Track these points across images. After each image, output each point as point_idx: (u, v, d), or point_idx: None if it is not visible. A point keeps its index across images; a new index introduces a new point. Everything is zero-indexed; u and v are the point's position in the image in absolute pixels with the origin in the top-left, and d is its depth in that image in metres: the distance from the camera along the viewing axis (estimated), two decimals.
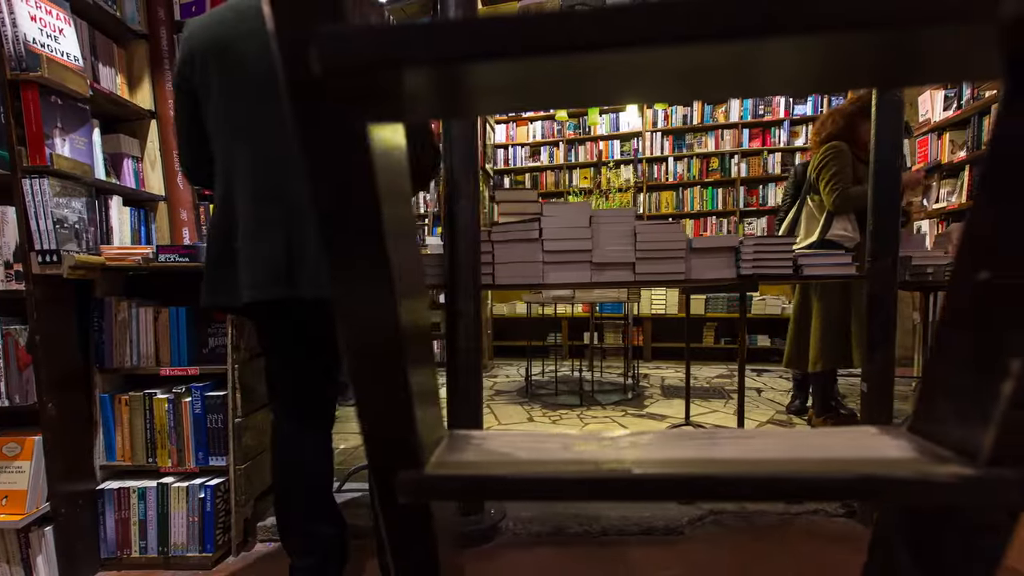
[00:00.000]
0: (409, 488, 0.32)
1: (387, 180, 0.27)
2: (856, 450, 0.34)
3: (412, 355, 0.31)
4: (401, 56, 0.22)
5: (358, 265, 0.27)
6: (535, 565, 1.51)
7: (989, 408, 0.29)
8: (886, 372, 1.60)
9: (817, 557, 1.49)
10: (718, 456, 0.34)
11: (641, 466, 0.33)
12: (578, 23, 0.22)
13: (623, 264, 1.70)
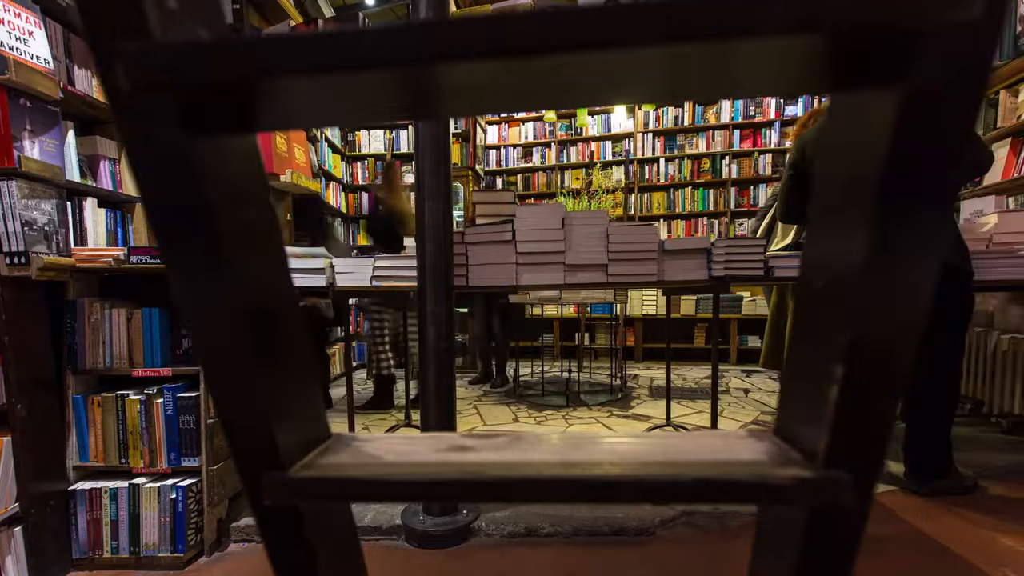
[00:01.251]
0: (272, 490, 0.33)
1: (226, 188, 0.28)
2: (717, 453, 0.34)
3: (268, 358, 0.32)
4: (191, 73, 0.23)
5: (193, 269, 0.28)
6: (506, 565, 1.52)
7: (823, 412, 0.30)
8: None
9: None
10: (577, 459, 0.35)
11: (495, 469, 0.33)
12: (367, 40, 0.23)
13: (596, 266, 1.71)
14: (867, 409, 0.28)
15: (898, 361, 0.27)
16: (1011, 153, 2.75)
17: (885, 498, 1.87)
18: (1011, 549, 1.50)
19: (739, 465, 0.32)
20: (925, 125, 0.22)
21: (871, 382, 0.27)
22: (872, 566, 1.45)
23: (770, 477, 0.30)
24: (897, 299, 0.25)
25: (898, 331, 0.26)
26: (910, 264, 0.24)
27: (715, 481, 0.30)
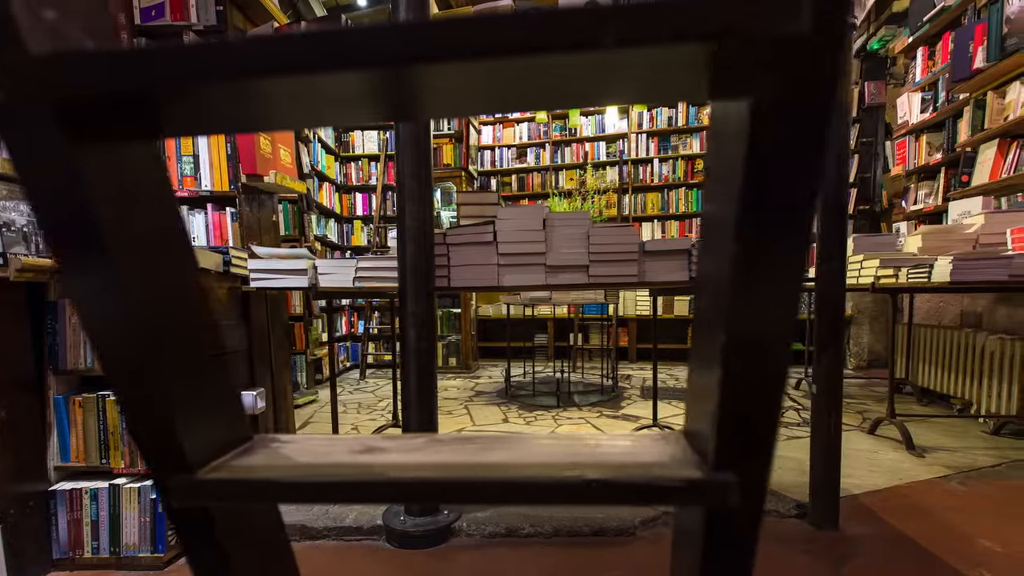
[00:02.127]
0: (178, 492, 0.33)
1: (120, 195, 0.28)
2: (623, 455, 0.35)
3: (172, 363, 0.32)
4: (71, 83, 0.23)
5: (87, 277, 0.28)
6: (486, 565, 1.52)
7: (711, 414, 0.31)
8: (834, 373, 1.62)
9: (759, 557, 1.50)
10: (480, 460, 0.35)
11: (397, 471, 0.34)
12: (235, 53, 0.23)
13: (577, 267, 1.72)
14: (747, 411, 0.29)
15: (770, 364, 0.27)
16: (998, 154, 2.76)
17: (867, 498, 1.88)
18: (988, 550, 1.51)
19: (637, 467, 0.32)
20: (771, 138, 0.22)
21: (747, 385, 0.28)
22: (850, 566, 1.45)
23: (660, 479, 0.31)
24: (762, 305, 0.26)
25: (767, 336, 0.26)
26: (769, 274, 0.25)
27: (608, 483, 0.31)
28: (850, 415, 3.08)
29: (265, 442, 0.40)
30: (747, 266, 0.25)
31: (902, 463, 2.24)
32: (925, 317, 3.67)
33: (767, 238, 0.24)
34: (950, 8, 3.20)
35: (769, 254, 0.24)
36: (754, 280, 0.25)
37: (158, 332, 0.31)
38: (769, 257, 0.24)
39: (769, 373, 0.28)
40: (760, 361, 0.27)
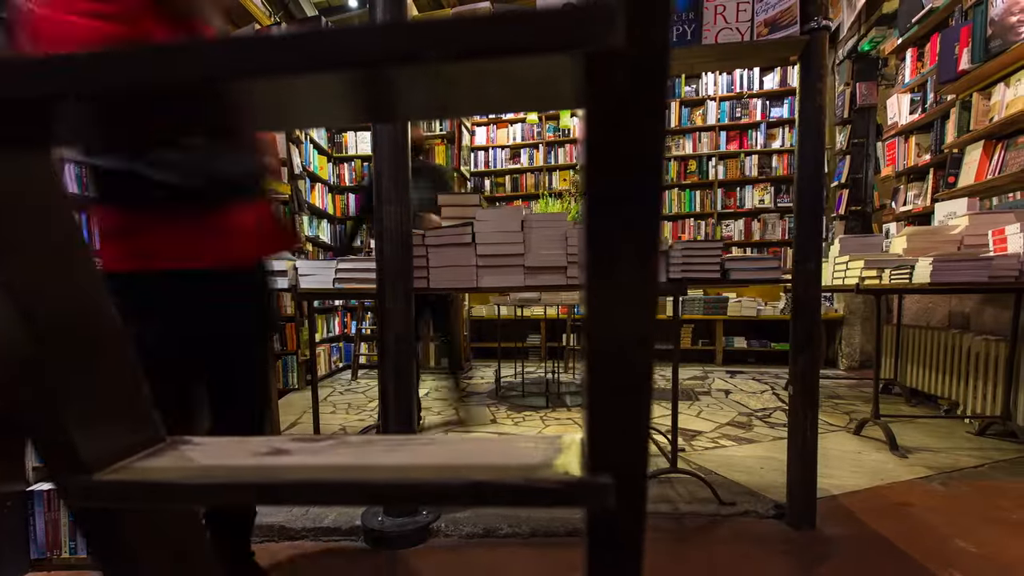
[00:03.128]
0: (75, 492, 0.34)
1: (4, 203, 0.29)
2: (514, 457, 0.35)
3: (69, 366, 0.33)
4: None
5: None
6: (461, 565, 1.53)
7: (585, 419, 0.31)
8: (811, 373, 1.62)
9: (736, 557, 1.51)
10: (377, 463, 0.36)
11: (297, 472, 0.34)
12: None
13: (556, 268, 1.72)
14: (617, 415, 0.29)
15: (630, 369, 0.28)
16: (983, 155, 2.76)
17: (846, 499, 1.88)
18: (963, 550, 1.52)
19: (522, 469, 0.33)
20: (605, 147, 0.23)
21: (613, 390, 0.29)
22: (823, 567, 1.46)
23: (538, 481, 0.31)
24: (614, 310, 0.26)
25: (624, 341, 0.27)
26: (616, 281, 0.25)
27: (488, 485, 0.31)
28: (837, 416, 3.09)
29: (176, 444, 0.41)
30: (595, 273, 0.25)
31: (885, 464, 2.25)
32: (914, 318, 3.67)
33: (611, 247, 0.25)
34: (938, 10, 3.21)
35: (615, 262, 0.25)
36: (602, 286, 0.26)
37: (56, 335, 0.31)
38: (614, 264, 0.25)
39: (631, 377, 0.28)
40: (620, 366, 0.28)
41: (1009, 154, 2.60)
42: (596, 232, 0.25)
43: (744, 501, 1.83)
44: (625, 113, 0.22)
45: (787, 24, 1.48)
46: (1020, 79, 2.51)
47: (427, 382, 4.40)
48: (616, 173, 0.23)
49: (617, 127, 0.22)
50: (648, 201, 0.24)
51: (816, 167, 1.56)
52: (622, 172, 0.23)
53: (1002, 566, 1.43)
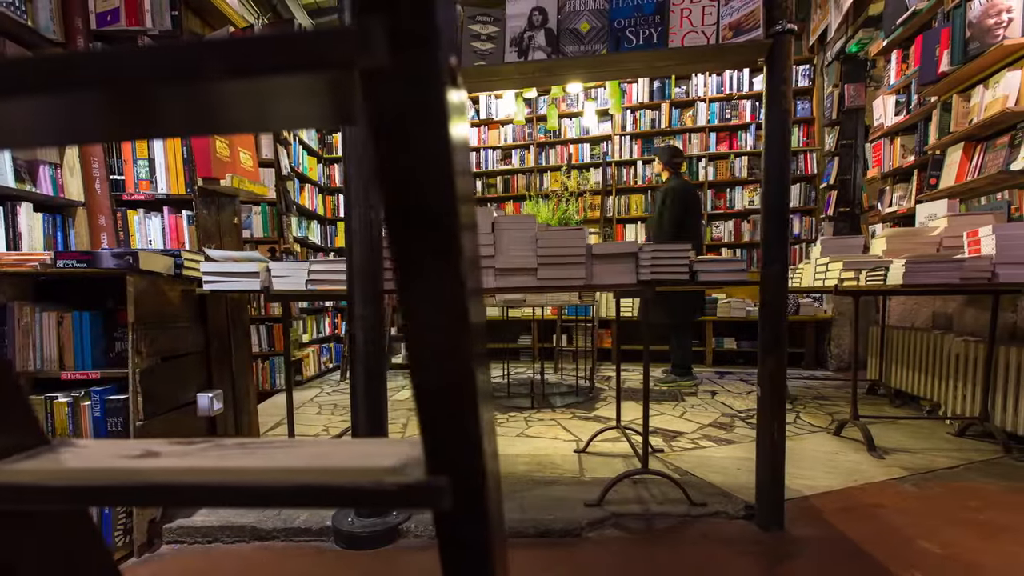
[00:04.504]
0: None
1: None
2: (359, 459, 0.36)
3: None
4: None
5: None
6: (429, 565, 1.54)
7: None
8: (778, 375, 1.63)
9: (701, 558, 1.51)
10: (237, 465, 0.36)
11: (161, 475, 0.35)
12: None
13: (526, 269, 1.73)
14: (448, 417, 0.30)
15: (451, 370, 0.28)
16: (964, 157, 2.77)
17: (818, 500, 1.89)
18: (926, 551, 1.52)
19: (366, 472, 0.33)
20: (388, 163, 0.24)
21: (437, 392, 0.29)
22: (785, 568, 1.47)
23: (379, 483, 0.32)
24: (424, 313, 0.27)
25: (440, 343, 0.28)
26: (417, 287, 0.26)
27: (330, 487, 0.32)
28: (820, 417, 3.10)
29: (57, 447, 0.41)
30: (403, 284, 0.26)
31: (860, 465, 2.25)
32: (899, 319, 3.68)
33: (413, 259, 0.25)
34: (921, 11, 3.22)
35: (419, 273, 0.26)
36: (411, 296, 0.27)
37: None
38: (419, 276, 0.26)
39: (453, 384, 0.29)
40: (439, 373, 0.29)
41: (988, 156, 2.61)
42: (398, 245, 0.25)
43: (716, 502, 1.83)
44: (402, 130, 0.23)
45: (750, 28, 1.49)
46: (998, 81, 2.52)
47: None
48: (404, 188, 0.24)
49: (393, 142, 0.23)
50: (439, 214, 0.25)
51: (782, 170, 1.57)
52: (409, 187, 0.24)
53: (964, 566, 1.44)
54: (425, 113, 0.23)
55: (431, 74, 0.22)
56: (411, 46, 0.22)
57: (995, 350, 2.46)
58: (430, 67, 0.22)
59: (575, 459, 2.36)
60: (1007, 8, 2.42)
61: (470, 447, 0.31)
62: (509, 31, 1.67)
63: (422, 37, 0.22)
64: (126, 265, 1.55)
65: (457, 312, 0.27)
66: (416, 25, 0.22)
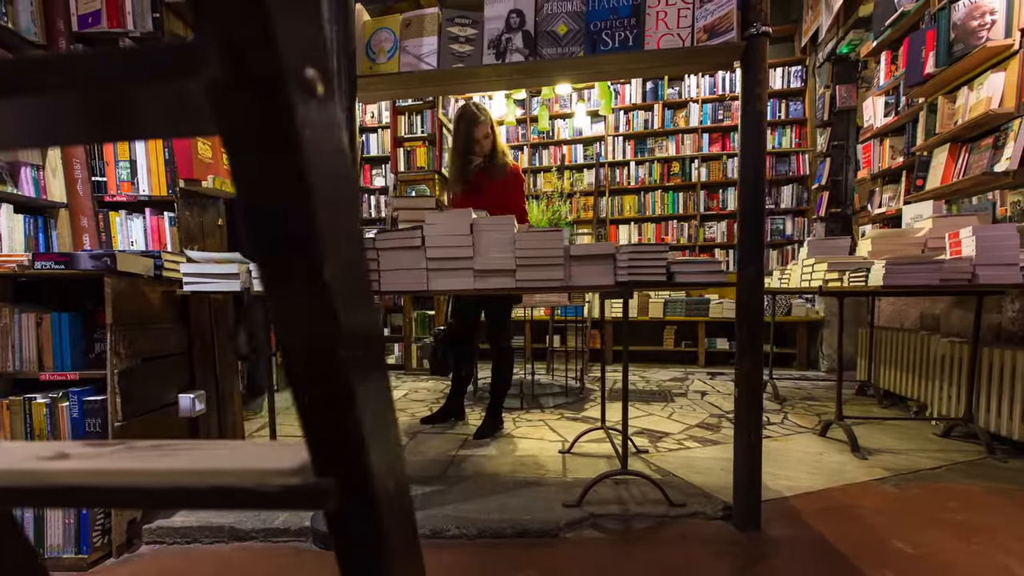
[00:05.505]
0: None
1: None
2: (252, 461, 0.37)
3: None
4: None
5: None
6: None
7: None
8: (754, 376, 1.64)
9: (675, 559, 1.52)
10: (145, 467, 0.37)
11: (67, 477, 0.36)
12: None
13: (504, 271, 1.74)
14: (324, 421, 0.31)
15: (329, 379, 0.29)
16: (949, 158, 2.78)
17: (797, 500, 1.90)
18: (899, 551, 1.53)
19: (255, 473, 0.34)
20: (238, 173, 0.24)
21: (313, 397, 0.30)
22: (758, 568, 1.47)
23: (262, 485, 0.33)
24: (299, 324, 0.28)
25: (314, 354, 0.28)
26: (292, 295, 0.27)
27: (223, 489, 0.33)
28: (808, 417, 3.10)
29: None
30: (270, 290, 0.27)
31: (844, 465, 2.26)
32: (888, 320, 3.69)
33: (277, 265, 0.26)
34: (909, 13, 3.23)
35: (284, 278, 0.27)
36: (279, 300, 0.27)
37: None
38: (285, 280, 0.27)
39: (328, 386, 0.30)
40: (314, 376, 0.29)
41: (972, 157, 2.62)
42: (258, 257, 0.26)
43: (695, 502, 1.84)
44: (248, 144, 0.24)
45: (725, 30, 1.50)
46: (982, 83, 2.53)
47: (406, 384, 4.41)
48: (260, 197, 0.25)
49: (241, 154, 0.24)
50: (295, 220, 0.25)
51: (757, 171, 1.58)
52: (266, 196, 0.25)
53: (936, 566, 1.44)
54: (269, 127, 0.23)
55: (272, 88, 0.23)
56: (250, 60, 0.22)
57: (979, 351, 2.47)
58: (270, 79, 0.23)
59: (560, 460, 2.37)
60: (990, 10, 2.43)
61: (353, 449, 0.32)
62: (487, 33, 1.68)
63: (261, 50, 0.23)
64: (103, 266, 1.55)
65: (328, 320, 0.28)
66: (252, 38, 0.22)
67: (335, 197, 0.28)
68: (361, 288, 0.32)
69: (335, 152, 0.28)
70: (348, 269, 0.30)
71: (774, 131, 5.26)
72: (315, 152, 0.26)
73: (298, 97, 0.24)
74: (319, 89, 0.27)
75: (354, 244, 0.31)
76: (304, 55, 0.26)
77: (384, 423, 0.35)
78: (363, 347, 0.31)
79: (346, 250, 0.30)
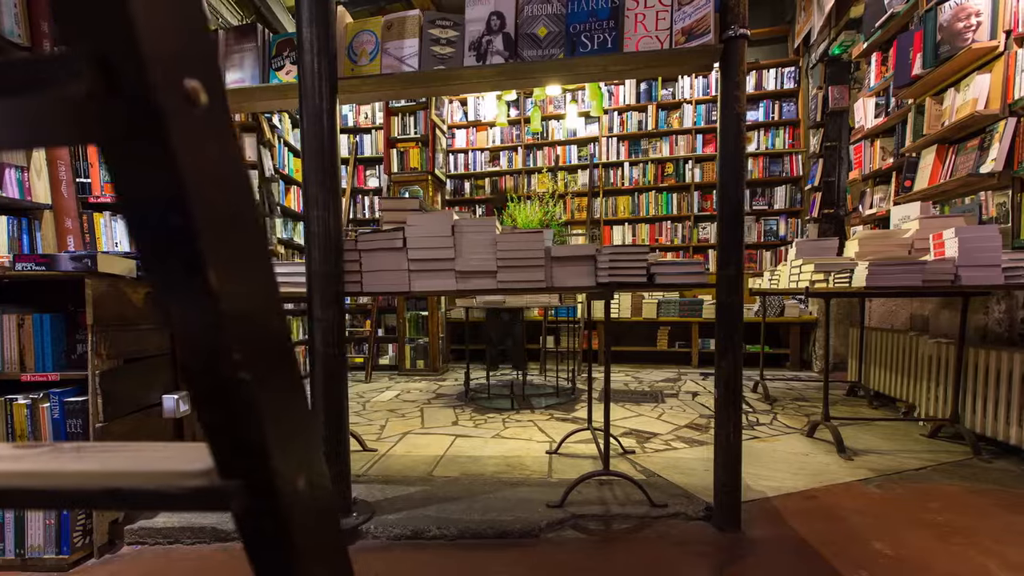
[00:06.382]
0: None
1: None
2: (161, 463, 0.37)
3: None
4: None
5: None
6: (385, 566, 1.55)
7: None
8: (733, 377, 1.64)
9: (652, 558, 1.52)
10: (62, 469, 0.38)
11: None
12: None
13: (486, 272, 1.74)
14: (224, 422, 0.31)
15: (223, 383, 0.30)
16: (936, 159, 2.78)
17: (780, 501, 1.90)
18: (878, 552, 1.53)
19: (160, 475, 0.35)
20: (118, 183, 0.25)
21: (208, 399, 0.31)
22: (734, 568, 1.48)
23: (168, 487, 0.33)
24: (188, 326, 0.28)
25: (204, 356, 0.29)
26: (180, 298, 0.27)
27: (126, 490, 0.33)
28: (798, 418, 3.11)
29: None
30: (161, 294, 0.28)
31: (829, 466, 2.26)
32: (879, 321, 3.70)
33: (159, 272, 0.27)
34: (899, 15, 3.24)
35: (166, 287, 0.27)
36: (170, 304, 0.28)
37: None
38: (164, 287, 0.27)
39: (222, 388, 0.30)
40: (207, 378, 0.30)
41: (959, 158, 2.62)
42: (146, 263, 0.27)
43: (677, 503, 1.84)
44: (123, 152, 0.24)
45: (702, 33, 1.51)
46: (968, 84, 2.54)
47: (399, 384, 4.42)
48: (139, 207, 0.25)
49: (117, 165, 0.24)
50: (175, 231, 0.26)
51: (735, 173, 1.59)
52: (145, 207, 0.26)
53: (913, 567, 1.45)
54: (142, 139, 0.24)
55: (143, 98, 0.24)
56: (119, 72, 0.23)
57: (965, 352, 2.47)
58: (140, 91, 0.23)
59: (546, 460, 2.37)
60: (975, 12, 2.43)
61: (256, 454, 0.32)
62: (468, 35, 1.68)
63: (129, 62, 0.23)
64: (84, 268, 1.56)
65: (218, 323, 0.28)
66: (119, 50, 0.23)
67: (224, 207, 0.29)
68: (261, 295, 0.32)
69: (225, 161, 0.29)
70: (244, 277, 0.30)
71: (768, 132, 5.26)
72: (198, 162, 0.26)
73: (174, 108, 0.25)
74: (202, 99, 0.27)
75: (252, 252, 0.31)
76: (183, 66, 0.26)
77: (293, 426, 0.35)
78: (262, 354, 0.32)
79: (242, 258, 0.30)
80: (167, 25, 0.25)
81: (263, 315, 0.32)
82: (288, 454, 0.34)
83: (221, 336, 0.29)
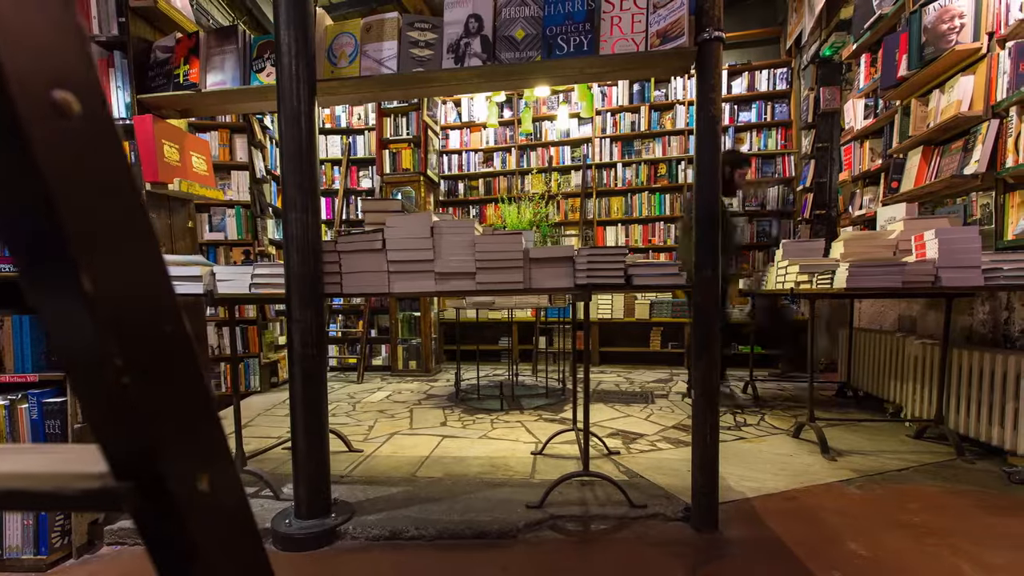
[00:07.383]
0: None
1: None
2: (62, 465, 0.38)
3: None
4: None
5: None
6: (364, 566, 1.55)
7: None
8: (710, 378, 1.65)
9: (628, 559, 1.53)
10: None
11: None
12: None
13: (465, 274, 1.75)
14: (114, 423, 0.32)
15: (108, 384, 0.30)
16: (922, 160, 2.79)
17: (759, 501, 1.91)
18: (853, 553, 1.54)
19: (56, 477, 0.35)
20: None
21: (93, 400, 0.31)
22: (709, 568, 1.48)
23: (63, 488, 0.34)
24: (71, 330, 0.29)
25: (84, 358, 0.30)
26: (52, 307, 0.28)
27: (22, 492, 0.34)
28: (785, 419, 3.11)
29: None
30: (30, 301, 0.28)
31: (812, 466, 2.27)
32: (869, 321, 3.70)
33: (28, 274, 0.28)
34: (887, 16, 3.25)
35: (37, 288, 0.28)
36: (36, 308, 0.29)
37: None
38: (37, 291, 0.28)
39: (109, 390, 0.31)
40: (90, 378, 0.30)
41: (944, 160, 2.63)
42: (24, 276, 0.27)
43: (657, 504, 1.85)
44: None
45: (676, 35, 1.51)
46: (953, 86, 2.54)
47: (391, 384, 4.42)
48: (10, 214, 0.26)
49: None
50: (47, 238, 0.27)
51: (711, 175, 1.59)
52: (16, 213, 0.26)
53: (887, 568, 1.45)
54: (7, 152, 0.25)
55: (3, 112, 0.24)
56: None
57: (949, 353, 2.48)
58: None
59: (530, 461, 2.38)
60: (959, 14, 2.44)
61: (147, 456, 0.33)
62: (446, 38, 1.69)
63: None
64: None
65: (94, 333, 0.29)
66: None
67: (103, 212, 0.29)
68: (149, 298, 0.33)
69: (105, 168, 0.30)
70: (127, 280, 0.31)
71: (760, 133, 5.27)
72: (69, 170, 0.27)
73: (40, 119, 0.26)
74: (74, 108, 0.28)
75: (138, 256, 0.32)
76: (51, 78, 0.27)
77: (188, 427, 0.36)
78: (150, 357, 0.32)
79: (125, 262, 0.31)
80: (32, 41, 0.26)
81: (151, 317, 0.33)
82: (183, 456, 0.35)
83: (101, 342, 0.30)
